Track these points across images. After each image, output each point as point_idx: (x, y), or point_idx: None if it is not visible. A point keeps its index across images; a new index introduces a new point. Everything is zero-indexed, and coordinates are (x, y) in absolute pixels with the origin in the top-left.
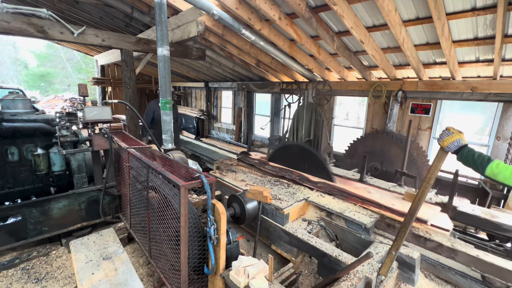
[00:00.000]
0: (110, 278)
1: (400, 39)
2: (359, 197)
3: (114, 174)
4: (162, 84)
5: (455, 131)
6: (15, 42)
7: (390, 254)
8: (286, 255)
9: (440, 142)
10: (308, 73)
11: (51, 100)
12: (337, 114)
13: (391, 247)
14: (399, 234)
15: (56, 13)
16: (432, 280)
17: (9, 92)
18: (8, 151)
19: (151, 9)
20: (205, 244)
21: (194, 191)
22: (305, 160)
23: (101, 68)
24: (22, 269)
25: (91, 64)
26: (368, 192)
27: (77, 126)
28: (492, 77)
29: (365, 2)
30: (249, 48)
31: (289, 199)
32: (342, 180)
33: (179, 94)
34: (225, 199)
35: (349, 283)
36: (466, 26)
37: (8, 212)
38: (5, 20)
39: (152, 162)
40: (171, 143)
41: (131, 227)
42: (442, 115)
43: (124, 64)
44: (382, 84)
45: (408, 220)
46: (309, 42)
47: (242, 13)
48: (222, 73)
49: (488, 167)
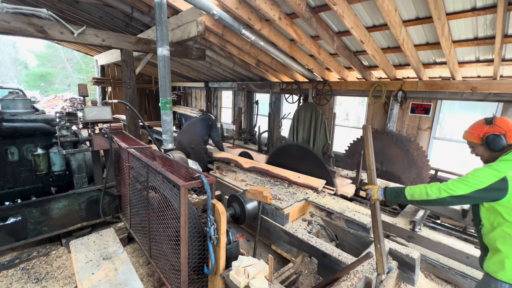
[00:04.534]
0: (110, 278)
1: (400, 39)
2: (275, 175)
3: (114, 174)
4: (162, 84)
5: (369, 186)
6: (15, 42)
7: (376, 248)
8: (286, 255)
9: (370, 199)
10: (308, 73)
11: (51, 100)
12: (337, 114)
13: (374, 241)
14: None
15: (56, 13)
16: (432, 280)
17: (9, 92)
18: (8, 151)
19: (151, 9)
20: (205, 244)
21: (194, 191)
22: (305, 160)
23: (101, 68)
24: (22, 269)
25: (91, 64)
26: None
27: (77, 126)
28: (492, 77)
29: (365, 2)
30: (249, 48)
31: (289, 199)
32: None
33: (179, 94)
34: (225, 199)
35: (349, 283)
36: (466, 26)
37: (8, 212)
38: (5, 20)
39: (152, 162)
40: (171, 143)
41: (131, 227)
42: (442, 115)
43: (124, 64)
44: (382, 84)
45: (373, 212)
46: (309, 42)
47: (242, 13)
48: (222, 73)
49: (405, 192)
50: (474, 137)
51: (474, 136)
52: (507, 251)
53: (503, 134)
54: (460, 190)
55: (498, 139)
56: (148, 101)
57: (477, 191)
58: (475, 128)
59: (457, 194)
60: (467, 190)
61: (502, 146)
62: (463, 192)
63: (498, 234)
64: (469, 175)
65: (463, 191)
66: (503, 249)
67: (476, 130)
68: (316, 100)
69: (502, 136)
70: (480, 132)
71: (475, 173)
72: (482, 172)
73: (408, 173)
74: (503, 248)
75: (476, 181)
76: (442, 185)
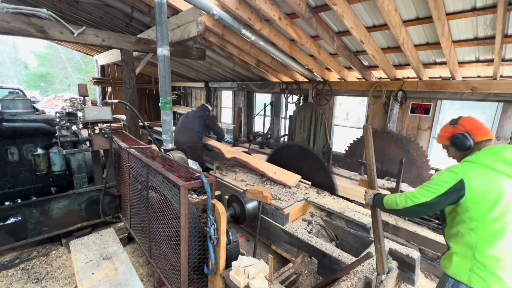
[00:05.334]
0: (110, 278)
1: (400, 39)
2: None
3: (114, 174)
4: (162, 84)
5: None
6: (15, 42)
7: (376, 248)
8: (286, 255)
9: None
10: (308, 73)
11: (51, 100)
12: (337, 114)
13: (374, 241)
14: (373, 225)
15: (56, 13)
16: (432, 280)
17: (9, 92)
18: (8, 151)
19: (151, 9)
20: (205, 244)
21: (194, 191)
22: (305, 159)
23: (101, 68)
24: (22, 269)
25: (91, 64)
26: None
27: (77, 126)
28: (492, 77)
29: (365, 2)
30: (249, 48)
31: (289, 199)
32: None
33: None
34: (225, 199)
35: (349, 283)
36: (466, 26)
37: (8, 212)
38: (5, 20)
39: (152, 162)
40: (171, 143)
41: (131, 227)
42: (442, 115)
43: (124, 64)
44: (382, 84)
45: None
46: (309, 42)
47: (242, 13)
48: (222, 73)
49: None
50: (444, 140)
51: (444, 139)
52: (456, 248)
53: (466, 132)
54: (424, 197)
55: (462, 137)
56: (148, 101)
57: (439, 196)
58: (443, 130)
59: (421, 202)
60: (430, 196)
61: (468, 144)
62: (427, 199)
63: (453, 232)
64: (431, 180)
65: (427, 198)
66: (453, 246)
67: (444, 132)
68: (316, 100)
69: (466, 134)
70: (446, 133)
71: (436, 178)
72: (442, 176)
73: (408, 173)
74: (453, 246)
75: (438, 186)
76: (408, 193)
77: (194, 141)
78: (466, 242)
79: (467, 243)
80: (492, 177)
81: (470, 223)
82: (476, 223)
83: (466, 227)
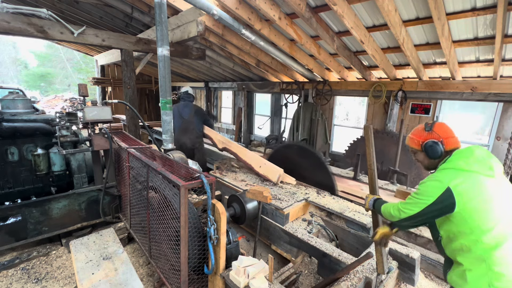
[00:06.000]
0: (110, 278)
1: (400, 39)
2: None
3: (114, 174)
4: (162, 84)
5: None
6: (15, 42)
7: (376, 248)
8: (286, 255)
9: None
10: (308, 73)
11: (51, 100)
12: (337, 114)
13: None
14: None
15: (56, 13)
16: (432, 280)
17: (9, 92)
18: (8, 151)
19: (151, 9)
20: (205, 244)
21: (194, 191)
22: (305, 159)
23: (101, 68)
24: (22, 269)
25: (91, 64)
26: (361, 189)
27: (77, 126)
28: (492, 77)
29: (365, 2)
30: (249, 48)
31: (289, 199)
32: (337, 178)
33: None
34: (225, 199)
35: (349, 283)
36: (466, 26)
37: (8, 212)
38: (5, 20)
39: (152, 162)
40: (171, 143)
41: (131, 227)
42: (442, 115)
43: (124, 64)
44: (382, 84)
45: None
46: (309, 42)
47: (242, 13)
48: (222, 73)
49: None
50: (415, 144)
51: (415, 143)
52: (467, 263)
53: (440, 141)
54: (415, 208)
55: (435, 146)
56: (148, 101)
57: (428, 207)
58: (415, 134)
59: (413, 214)
60: (420, 206)
61: (439, 153)
62: (418, 209)
63: (456, 246)
64: (418, 191)
65: (417, 209)
66: (463, 261)
67: (417, 136)
68: (316, 100)
69: (439, 143)
70: (420, 138)
71: (423, 188)
72: (427, 187)
73: (408, 173)
74: (463, 261)
75: (425, 196)
76: (400, 205)
77: (199, 140)
78: (475, 255)
79: (476, 256)
80: (474, 180)
81: (471, 233)
82: (478, 232)
83: (469, 238)
